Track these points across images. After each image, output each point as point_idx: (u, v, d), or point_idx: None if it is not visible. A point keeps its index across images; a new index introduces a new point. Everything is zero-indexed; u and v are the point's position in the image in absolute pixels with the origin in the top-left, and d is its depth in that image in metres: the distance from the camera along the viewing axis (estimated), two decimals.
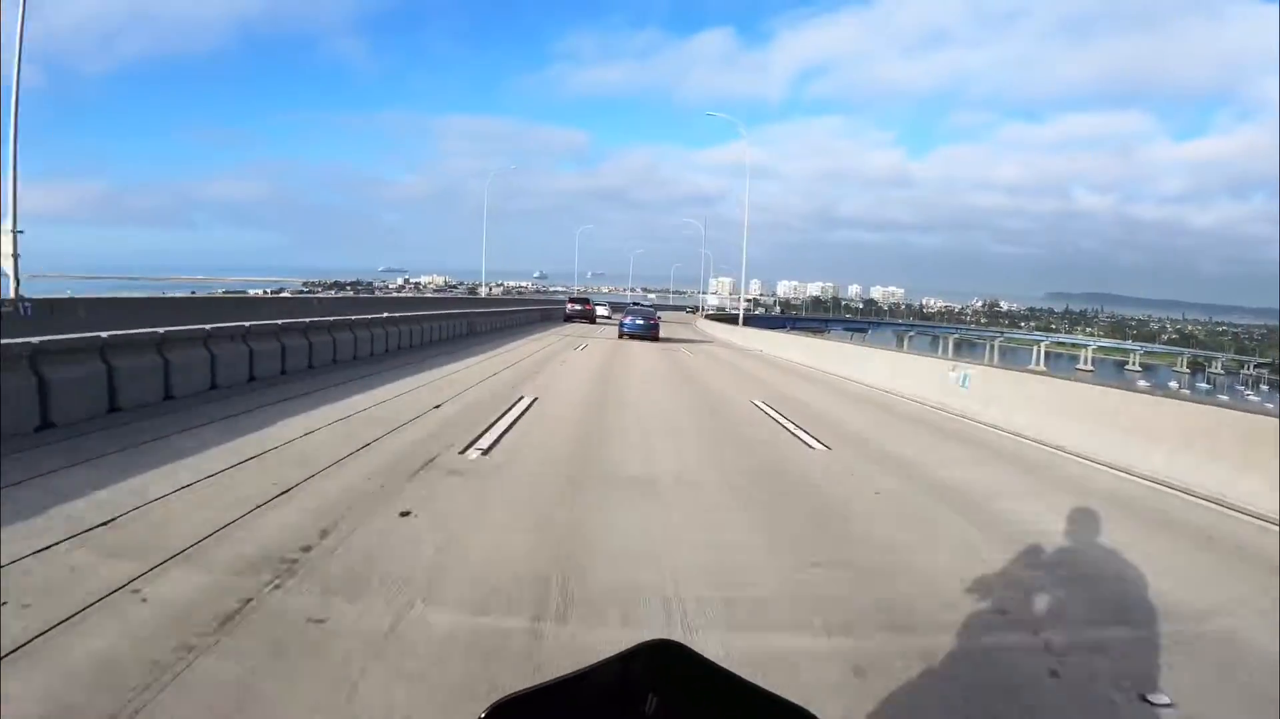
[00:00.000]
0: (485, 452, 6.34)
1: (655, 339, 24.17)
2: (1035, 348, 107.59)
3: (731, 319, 40.63)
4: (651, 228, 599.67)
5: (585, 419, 8.46)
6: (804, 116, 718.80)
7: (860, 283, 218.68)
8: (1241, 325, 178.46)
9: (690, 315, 61.33)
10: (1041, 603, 3.58)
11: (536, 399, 9.62)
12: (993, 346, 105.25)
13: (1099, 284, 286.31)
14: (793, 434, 8.16)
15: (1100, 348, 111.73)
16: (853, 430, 8.71)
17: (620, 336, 24.36)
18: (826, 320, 76.22)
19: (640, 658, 0.61)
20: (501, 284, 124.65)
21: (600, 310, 39.85)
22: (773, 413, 9.53)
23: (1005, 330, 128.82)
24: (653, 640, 0.63)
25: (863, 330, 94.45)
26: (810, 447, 7.52)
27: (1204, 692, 2.78)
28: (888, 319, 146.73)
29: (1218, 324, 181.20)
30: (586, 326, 32.49)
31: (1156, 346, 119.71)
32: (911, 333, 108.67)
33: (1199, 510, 5.66)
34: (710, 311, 67.80)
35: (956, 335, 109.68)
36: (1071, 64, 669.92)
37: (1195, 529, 5.14)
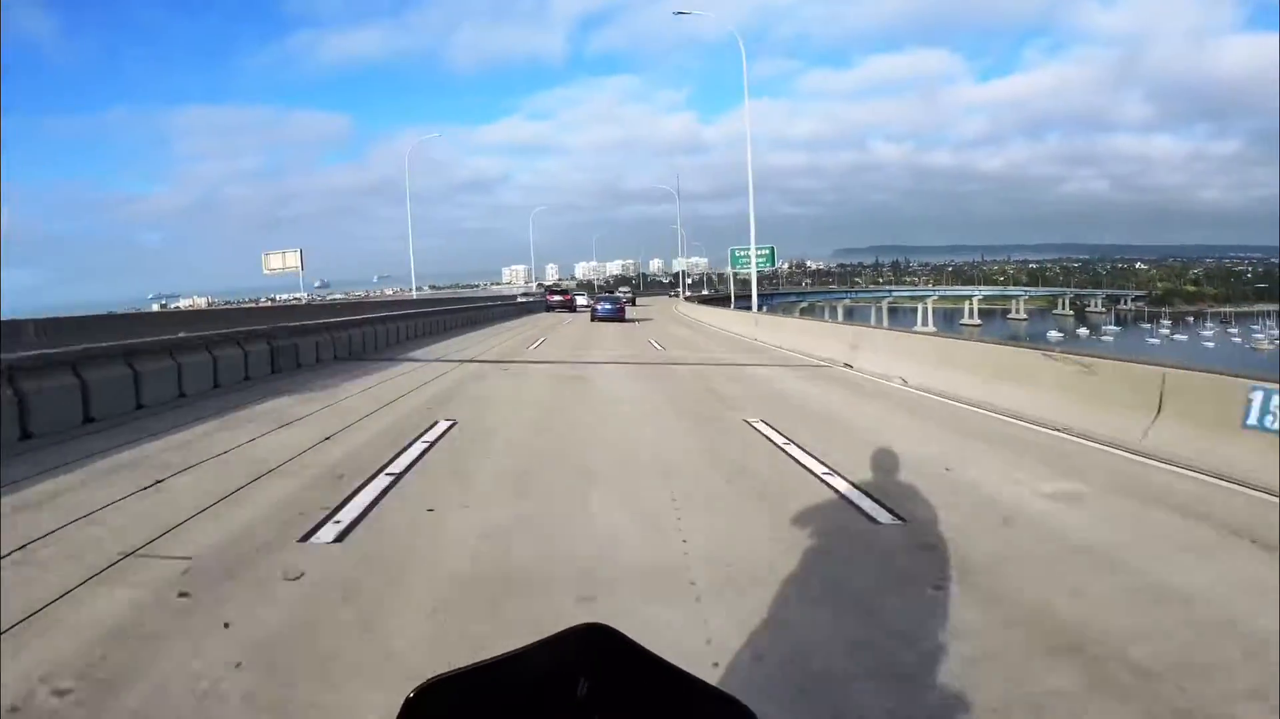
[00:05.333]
0: None
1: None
2: (921, 304, 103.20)
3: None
4: (430, 220, 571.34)
5: None
6: (589, 77, 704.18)
7: (661, 257, 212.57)
8: (1050, 260, 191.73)
9: (671, 299, 62.29)
10: None
11: None
12: (879, 308, 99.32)
13: (884, 237, 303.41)
14: None
15: (985, 297, 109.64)
16: None
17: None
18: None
19: (570, 642, 0.61)
20: (273, 298, 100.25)
21: (580, 300, 44.80)
22: None
23: (894, 289, 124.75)
24: (582, 624, 0.63)
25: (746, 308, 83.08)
26: None
27: None
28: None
29: (1028, 262, 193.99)
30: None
31: (1040, 290, 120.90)
32: (802, 302, 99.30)
33: None
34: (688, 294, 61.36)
35: (847, 301, 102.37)
36: None
37: None
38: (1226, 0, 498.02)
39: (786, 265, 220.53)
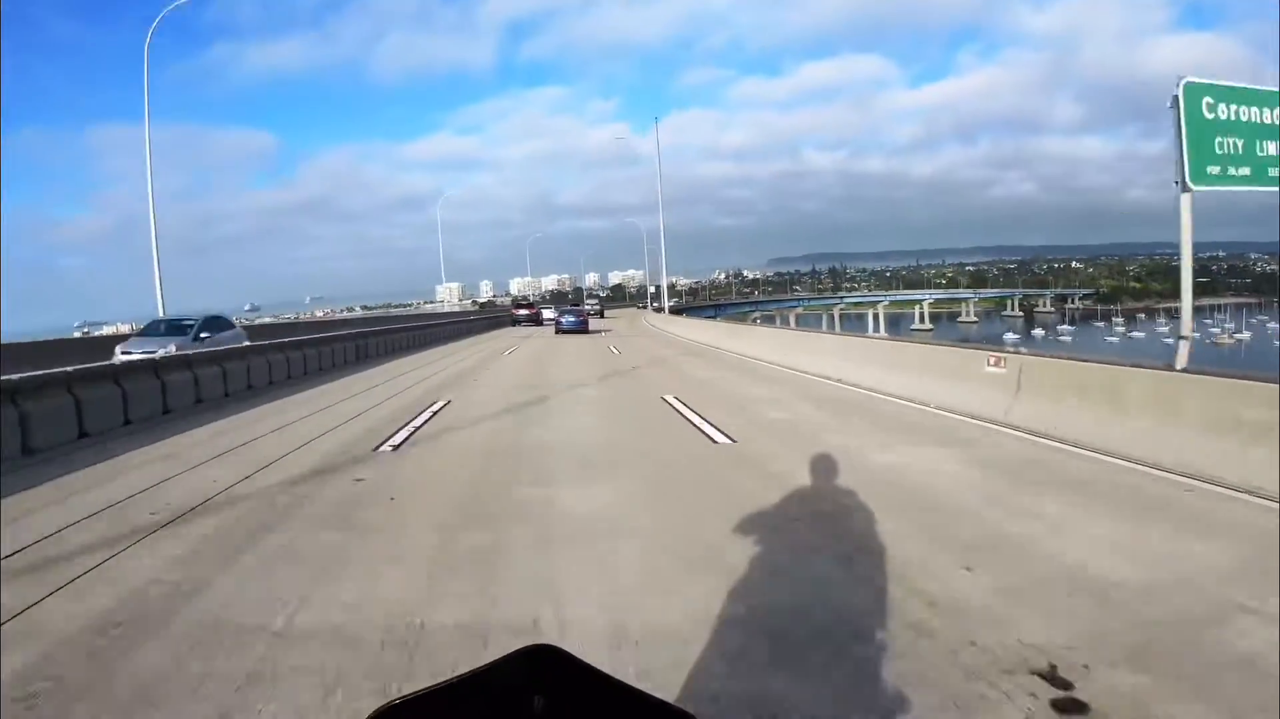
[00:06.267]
0: None
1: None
2: (872, 309, 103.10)
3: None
4: (365, 239, 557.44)
5: None
6: (518, 88, 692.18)
7: (597, 270, 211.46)
8: (985, 262, 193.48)
9: (639, 311, 59.53)
10: None
11: None
12: (831, 315, 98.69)
13: (818, 245, 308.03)
14: None
15: (935, 300, 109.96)
16: None
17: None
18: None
19: (521, 661, 0.63)
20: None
21: (547, 314, 44.38)
22: None
23: (844, 296, 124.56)
24: (531, 646, 0.64)
25: (713, 317, 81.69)
26: None
27: None
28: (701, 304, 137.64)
29: (964, 265, 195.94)
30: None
31: (989, 292, 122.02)
32: (755, 311, 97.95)
33: None
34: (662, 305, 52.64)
35: (800, 309, 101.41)
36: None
37: None
38: (1155, 1, 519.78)
39: (724, 275, 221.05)
